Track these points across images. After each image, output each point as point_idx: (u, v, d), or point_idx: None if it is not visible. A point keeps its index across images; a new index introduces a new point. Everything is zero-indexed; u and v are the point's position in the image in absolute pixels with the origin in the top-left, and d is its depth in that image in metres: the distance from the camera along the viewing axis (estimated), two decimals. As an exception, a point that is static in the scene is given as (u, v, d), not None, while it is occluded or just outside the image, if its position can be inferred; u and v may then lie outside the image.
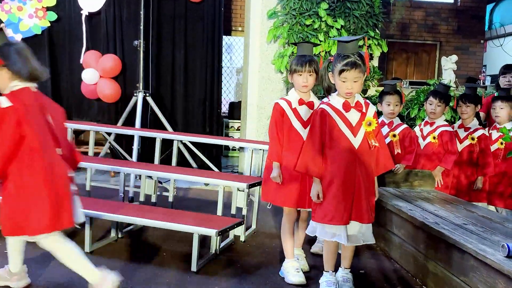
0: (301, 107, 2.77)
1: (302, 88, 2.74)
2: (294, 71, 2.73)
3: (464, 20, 8.59)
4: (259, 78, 5.26)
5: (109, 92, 5.43)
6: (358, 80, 2.42)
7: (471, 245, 2.16)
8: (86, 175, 4.07)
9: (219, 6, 5.69)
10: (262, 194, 2.88)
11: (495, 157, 3.82)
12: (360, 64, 2.40)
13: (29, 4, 5.49)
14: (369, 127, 2.49)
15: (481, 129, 3.83)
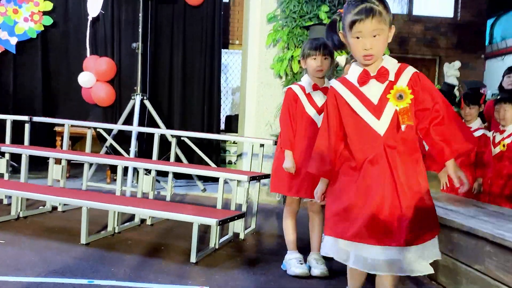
0: (316, 93, 2.60)
1: (317, 73, 2.58)
2: (308, 55, 2.57)
3: (464, 34, 8.63)
4: (258, 83, 5.19)
5: (103, 95, 5.37)
6: (381, 34, 1.71)
7: (487, 230, 2.06)
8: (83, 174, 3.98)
9: (219, 9, 5.68)
10: (271, 185, 2.73)
11: (498, 159, 3.75)
12: (379, 10, 1.70)
13: (25, 8, 5.48)
14: (400, 101, 1.75)
15: (481, 129, 3.76)
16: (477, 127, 3.77)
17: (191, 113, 5.79)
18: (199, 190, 5.14)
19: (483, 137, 3.73)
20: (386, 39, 1.76)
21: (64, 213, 3.87)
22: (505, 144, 3.68)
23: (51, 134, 5.55)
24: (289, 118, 2.60)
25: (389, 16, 1.75)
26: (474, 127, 3.78)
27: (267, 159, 4.92)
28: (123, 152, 4.73)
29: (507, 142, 3.68)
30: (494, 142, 3.80)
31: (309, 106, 2.59)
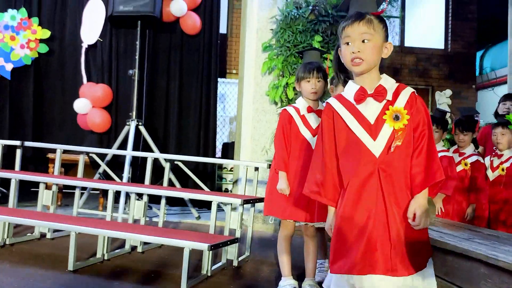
0: (310, 115, 2.63)
1: (311, 95, 2.62)
2: (302, 78, 2.62)
3: (455, 65, 8.79)
4: (254, 110, 5.24)
5: (99, 121, 5.38)
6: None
7: (481, 251, 2.03)
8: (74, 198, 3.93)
9: (216, 39, 5.78)
10: (265, 208, 2.70)
11: (497, 184, 3.75)
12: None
13: (22, 35, 5.55)
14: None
15: (475, 155, 3.79)
16: (471, 153, 3.81)
17: (187, 140, 5.79)
18: (194, 217, 5.07)
19: (477, 163, 3.75)
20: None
21: (53, 240, 3.79)
22: (504, 168, 3.70)
23: (43, 161, 5.52)
24: (283, 139, 2.61)
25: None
26: (468, 153, 3.81)
27: (262, 184, 4.91)
28: (116, 178, 4.70)
29: (505, 166, 3.69)
30: (492, 166, 3.82)
31: (303, 128, 2.61)
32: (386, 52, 1.77)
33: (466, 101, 8.68)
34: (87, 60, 5.62)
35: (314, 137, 2.51)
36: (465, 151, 3.82)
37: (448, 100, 5.12)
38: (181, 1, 5.46)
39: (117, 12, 4.96)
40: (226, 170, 7.66)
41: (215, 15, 5.81)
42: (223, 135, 8.96)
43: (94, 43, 5.53)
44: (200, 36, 5.74)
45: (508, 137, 3.70)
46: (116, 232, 2.87)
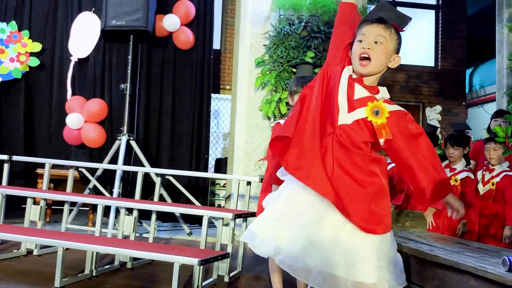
0: None
1: None
2: (295, 92, 2.58)
3: (445, 82, 8.90)
4: (247, 124, 5.25)
5: (93, 136, 5.35)
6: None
7: (470, 263, 2.03)
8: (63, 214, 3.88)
9: (209, 54, 5.82)
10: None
11: (487, 198, 3.77)
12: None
13: (12, 48, 5.54)
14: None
15: (466, 171, 3.79)
16: (462, 169, 3.80)
17: (179, 156, 5.77)
18: (185, 233, 5.03)
19: (467, 179, 3.75)
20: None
21: (40, 257, 3.71)
22: (494, 183, 3.73)
23: (32, 176, 5.46)
24: None
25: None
26: (459, 168, 3.80)
27: (255, 199, 4.88)
28: (105, 193, 4.66)
29: (496, 180, 3.72)
30: (483, 180, 3.85)
31: None
32: (393, 63, 1.86)
33: (456, 117, 8.76)
34: (79, 74, 5.61)
35: None
36: (456, 166, 3.82)
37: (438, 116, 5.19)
38: (174, 16, 5.51)
39: (109, 26, 4.98)
40: (219, 186, 7.63)
41: (208, 31, 5.86)
42: (216, 151, 8.95)
43: (86, 57, 5.53)
44: (193, 51, 5.78)
45: (500, 152, 3.72)
46: (104, 247, 2.83)
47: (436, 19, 9.14)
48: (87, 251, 3.10)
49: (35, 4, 5.71)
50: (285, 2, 5.08)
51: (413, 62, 8.98)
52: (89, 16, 5.48)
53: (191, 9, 5.66)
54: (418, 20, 9.33)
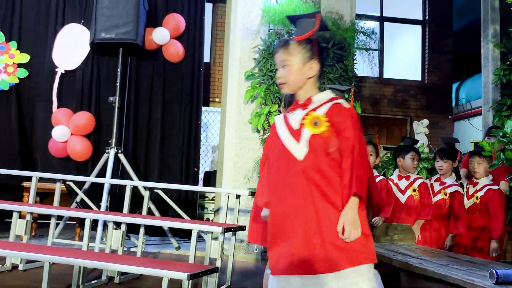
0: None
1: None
2: (290, 103, 2.45)
3: (432, 96, 9.02)
4: (236, 137, 5.25)
5: (79, 149, 5.31)
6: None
7: (458, 277, 2.04)
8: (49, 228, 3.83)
9: (198, 67, 5.83)
10: (249, 235, 2.59)
11: (472, 212, 3.81)
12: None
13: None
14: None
15: (455, 185, 3.83)
16: (451, 183, 3.84)
17: (168, 169, 5.73)
18: (173, 248, 4.98)
19: (456, 193, 3.80)
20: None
21: (25, 272, 3.65)
22: (478, 197, 3.78)
23: (18, 190, 5.37)
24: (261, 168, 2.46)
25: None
26: (448, 182, 3.85)
27: (244, 213, 4.87)
28: (93, 207, 4.61)
29: (480, 194, 3.77)
30: (468, 194, 3.90)
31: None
32: (312, 71, 1.93)
33: (443, 131, 8.87)
34: (66, 86, 5.57)
35: None
36: (446, 180, 3.86)
37: (426, 130, 5.25)
38: (164, 30, 5.53)
39: (99, 39, 4.98)
40: (208, 199, 7.58)
41: (198, 44, 5.88)
42: (205, 164, 8.92)
43: (74, 69, 5.51)
44: (183, 64, 5.79)
45: (484, 166, 3.78)
46: (91, 262, 2.79)
47: (423, 34, 9.29)
48: (74, 265, 3.05)
49: (23, 15, 5.67)
50: (274, 16, 5.13)
51: (400, 76, 9.10)
52: (78, 28, 5.47)
53: (181, 22, 5.69)
54: (406, 35, 9.49)
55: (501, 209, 3.70)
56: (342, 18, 5.36)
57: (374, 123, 8.94)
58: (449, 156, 3.85)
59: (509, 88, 6.14)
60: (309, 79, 1.94)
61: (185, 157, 5.74)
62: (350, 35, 5.24)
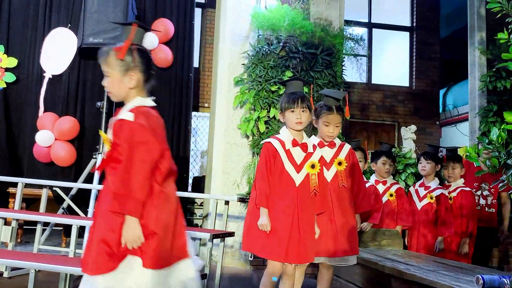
0: (295, 149, 2.57)
1: (296, 126, 2.56)
2: (286, 108, 2.57)
3: (419, 102, 9.11)
4: (225, 143, 5.24)
5: (64, 155, 5.25)
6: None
7: (445, 282, 2.05)
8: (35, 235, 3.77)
9: (187, 72, 5.82)
10: (243, 243, 2.58)
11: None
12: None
13: (-13, 64, 5.42)
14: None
15: (440, 189, 3.93)
16: (436, 187, 3.93)
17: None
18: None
19: (441, 196, 3.87)
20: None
21: (10, 279, 3.58)
22: (452, 197, 3.92)
23: (4, 196, 5.30)
24: (266, 174, 2.50)
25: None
26: (433, 186, 3.93)
27: (233, 219, 4.85)
28: (80, 213, 4.56)
29: (453, 195, 3.92)
30: None
31: (288, 164, 2.54)
32: (132, 82, 2.01)
33: (431, 136, 8.96)
34: (53, 91, 5.51)
35: (299, 174, 2.53)
36: (430, 184, 3.94)
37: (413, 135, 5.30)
38: (153, 35, 5.51)
39: (86, 43, 4.94)
40: (196, 205, 7.54)
41: (187, 49, 5.87)
42: (194, 169, 8.89)
43: (61, 73, 5.46)
44: (172, 69, 5.77)
45: (458, 170, 3.97)
46: (78, 269, 2.74)
47: (411, 41, 9.40)
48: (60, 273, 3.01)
49: (11, 19, 5.63)
50: (263, 22, 5.15)
51: (389, 83, 9.19)
52: (65, 33, 5.43)
53: (170, 28, 5.68)
54: (394, 42, 9.58)
55: (471, 208, 3.85)
56: (331, 24, 5.40)
57: (363, 129, 9.00)
58: (432, 157, 3.97)
59: (495, 94, 6.21)
60: (131, 89, 2.01)
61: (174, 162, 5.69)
62: (339, 41, 5.28)
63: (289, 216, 2.47)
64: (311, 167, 2.53)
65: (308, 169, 2.52)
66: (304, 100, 2.56)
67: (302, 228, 2.47)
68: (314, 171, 2.53)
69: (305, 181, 2.55)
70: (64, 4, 5.63)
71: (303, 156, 2.57)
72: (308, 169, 2.52)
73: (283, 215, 2.47)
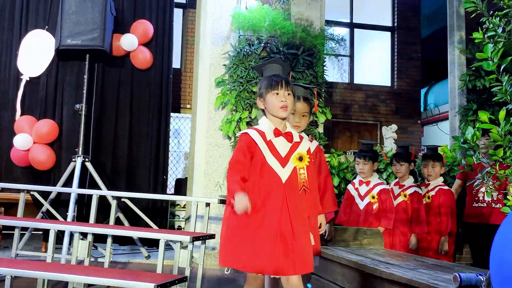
0: (278, 139, 2.21)
1: (280, 111, 2.18)
2: (268, 91, 2.19)
3: (401, 102, 9.20)
4: (207, 144, 5.21)
5: (43, 158, 5.16)
6: None
7: (423, 281, 2.06)
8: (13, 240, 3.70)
9: (167, 73, 5.76)
10: (220, 257, 2.24)
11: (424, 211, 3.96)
12: None
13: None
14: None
15: (414, 187, 3.98)
16: (410, 185, 3.98)
17: (137, 177, 5.62)
18: (143, 257, 4.88)
19: (415, 194, 3.93)
20: None
21: (-14, 286, 3.51)
22: (430, 196, 3.97)
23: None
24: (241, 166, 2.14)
25: None
26: (407, 184, 3.98)
27: (215, 221, 4.82)
28: (59, 217, 4.48)
29: (431, 194, 3.97)
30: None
31: (271, 156, 2.18)
32: None
33: (412, 135, 9.05)
34: (30, 93, 5.40)
35: (285, 168, 2.18)
36: (404, 183, 4.01)
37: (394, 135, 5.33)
38: (132, 36, 5.45)
39: (64, 45, 4.86)
40: (180, 207, 7.48)
41: (167, 50, 5.80)
42: (177, 171, 8.83)
43: (38, 76, 5.36)
44: (151, 70, 5.70)
45: (437, 169, 4.00)
46: (56, 274, 2.69)
47: (392, 41, 9.48)
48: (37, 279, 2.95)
49: (-14, 21, 5.51)
50: (244, 23, 5.14)
51: (371, 82, 9.26)
52: (42, 34, 5.33)
53: (149, 29, 5.62)
54: (375, 42, 9.66)
55: (450, 207, 3.89)
56: (312, 24, 5.41)
57: (345, 128, 9.05)
58: (404, 159, 3.99)
59: (475, 93, 6.29)
60: None
61: (153, 164, 5.65)
62: (320, 41, 5.29)
63: (276, 220, 2.12)
64: (299, 160, 2.18)
65: (295, 162, 2.17)
66: (289, 83, 2.23)
67: (296, 232, 2.12)
68: (302, 164, 2.17)
69: (292, 177, 2.20)
70: (42, 5, 5.52)
71: (289, 147, 2.22)
72: (295, 162, 2.17)
73: (269, 219, 2.12)
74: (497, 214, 3.79)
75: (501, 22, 2.00)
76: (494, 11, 2.05)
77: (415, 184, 4.02)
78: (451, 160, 3.40)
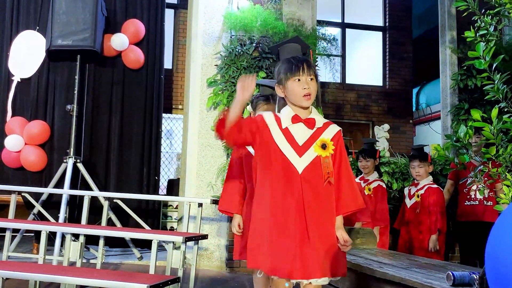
0: (296, 126, 1.95)
1: (304, 100, 1.91)
2: (288, 77, 1.93)
3: (393, 101, 9.24)
4: (199, 145, 5.19)
5: (34, 159, 5.11)
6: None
7: (417, 280, 2.06)
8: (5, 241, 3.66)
9: (158, 73, 5.73)
10: (248, 260, 2.03)
11: (413, 210, 4.05)
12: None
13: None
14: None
15: (378, 181, 4.13)
16: (374, 179, 4.15)
17: (129, 178, 5.59)
18: (135, 258, 4.86)
19: (379, 187, 4.08)
20: None
21: (-23, 289, 3.47)
22: (419, 195, 4.02)
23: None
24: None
25: None
26: (371, 179, 4.14)
27: (207, 221, 4.80)
28: (51, 219, 4.44)
29: (420, 193, 4.02)
30: (410, 194, 4.16)
31: (285, 144, 1.93)
32: None
33: (404, 135, 9.09)
34: (21, 95, 5.35)
35: (302, 158, 1.92)
36: (369, 177, 4.14)
37: (386, 134, 5.36)
38: (123, 36, 5.42)
39: (55, 46, 4.82)
40: (172, 208, 7.45)
41: (158, 50, 5.79)
42: (169, 172, 8.80)
43: (29, 77, 5.31)
44: (143, 70, 5.67)
45: (425, 168, 4.05)
46: (46, 276, 2.66)
47: (384, 41, 9.52)
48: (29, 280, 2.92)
49: (-24, 22, 5.46)
50: (236, 23, 5.12)
51: (362, 82, 9.28)
52: (33, 35, 5.29)
53: (141, 28, 5.59)
54: (367, 42, 9.69)
55: (439, 205, 3.93)
56: (304, 24, 5.41)
57: (338, 128, 9.05)
58: (370, 155, 4.15)
59: (467, 92, 6.33)
60: None
61: (145, 165, 5.62)
62: (312, 41, 5.29)
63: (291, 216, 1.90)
64: (322, 148, 1.90)
65: (318, 151, 1.90)
66: (310, 65, 1.96)
67: (311, 232, 1.89)
68: (326, 153, 1.90)
69: (310, 167, 1.93)
70: (32, 6, 5.48)
71: (309, 134, 1.95)
72: (318, 150, 1.90)
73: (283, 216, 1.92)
74: (490, 212, 3.82)
75: (492, 20, 2.01)
76: (485, 10, 2.06)
77: (379, 179, 4.18)
78: (443, 159, 3.42)
